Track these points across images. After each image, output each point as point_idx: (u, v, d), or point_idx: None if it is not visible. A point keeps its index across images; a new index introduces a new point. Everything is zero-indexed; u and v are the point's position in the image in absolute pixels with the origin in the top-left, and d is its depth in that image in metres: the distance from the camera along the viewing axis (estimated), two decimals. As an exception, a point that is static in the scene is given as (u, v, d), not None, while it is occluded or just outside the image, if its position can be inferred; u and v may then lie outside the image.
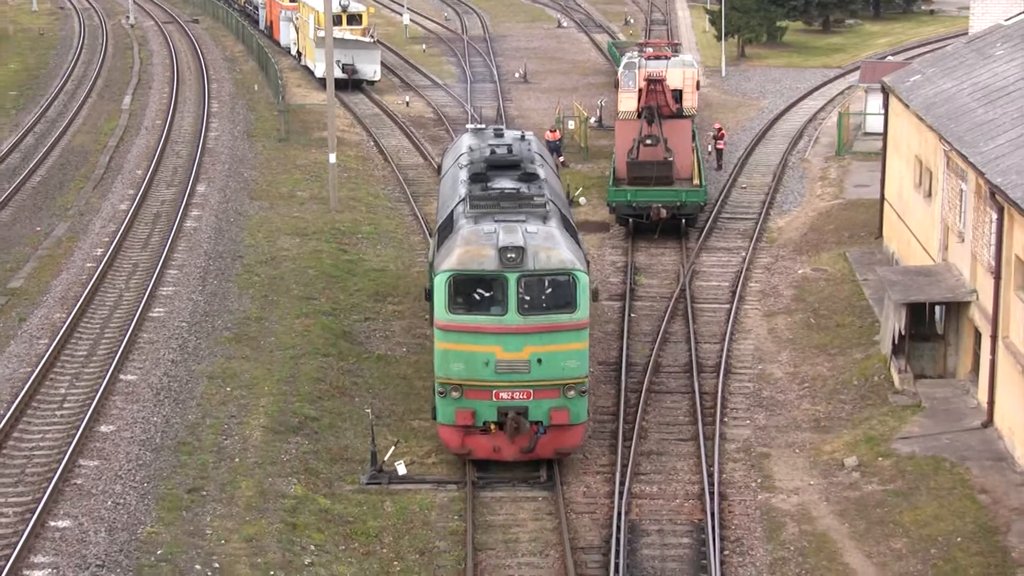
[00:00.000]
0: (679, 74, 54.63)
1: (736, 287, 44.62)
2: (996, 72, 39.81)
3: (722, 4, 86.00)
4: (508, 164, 36.48)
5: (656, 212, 49.41)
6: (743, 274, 45.85)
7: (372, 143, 65.12)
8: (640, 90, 52.68)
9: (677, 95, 53.73)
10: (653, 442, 33.93)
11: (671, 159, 50.88)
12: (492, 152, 37.68)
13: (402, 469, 31.77)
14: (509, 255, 30.29)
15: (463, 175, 35.99)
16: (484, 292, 30.67)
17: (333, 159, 54.01)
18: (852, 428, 34.18)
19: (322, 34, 65.74)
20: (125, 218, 50.21)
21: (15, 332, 39.27)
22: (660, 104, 51.66)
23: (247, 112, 71.25)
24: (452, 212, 33.74)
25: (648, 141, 51.04)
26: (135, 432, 32.76)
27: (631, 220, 49.98)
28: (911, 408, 34.49)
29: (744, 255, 47.96)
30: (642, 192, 49.95)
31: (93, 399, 34.03)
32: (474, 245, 30.84)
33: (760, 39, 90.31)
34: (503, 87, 78.54)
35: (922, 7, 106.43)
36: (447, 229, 32.96)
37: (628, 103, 53.86)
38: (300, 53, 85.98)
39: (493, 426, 31.07)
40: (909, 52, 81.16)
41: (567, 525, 29.68)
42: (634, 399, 35.99)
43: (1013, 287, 31.76)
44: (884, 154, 47.53)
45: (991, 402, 32.81)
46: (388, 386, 37.02)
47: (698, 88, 57.43)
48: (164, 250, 46.08)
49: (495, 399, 30.87)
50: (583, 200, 53.77)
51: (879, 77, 52.10)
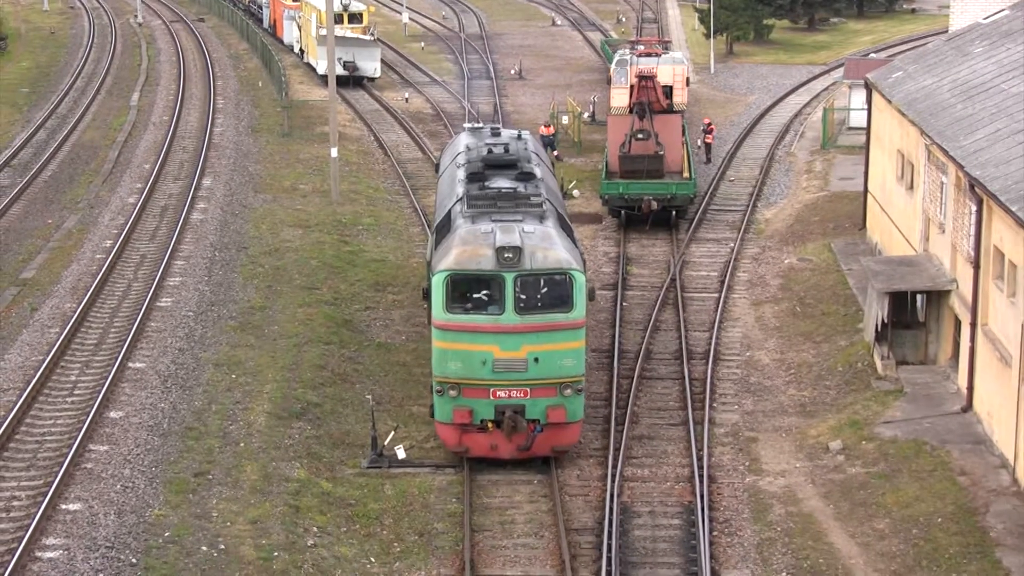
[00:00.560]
0: (669, 71, 54.77)
1: (725, 277, 44.61)
2: (975, 69, 39.79)
3: (711, 3, 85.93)
4: (505, 163, 35.88)
5: (647, 204, 49.42)
6: (731, 264, 45.84)
7: (372, 138, 65.05)
8: (632, 86, 52.76)
9: (667, 91, 53.87)
10: (644, 427, 33.93)
11: (662, 153, 50.92)
12: (489, 151, 37.12)
13: (401, 453, 31.76)
14: (506, 255, 29.79)
15: (460, 174, 35.47)
16: (481, 292, 30.17)
17: (335, 153, 53.96)
18: (836, 413, 34.19)
19: (324, 32, 65.66)
20: (133, 211, 50.15)
21: (27, 321, 39.23)
22: (651, 100, 51.72)
23: (251, 108, 71.16)
24: (450, 211, 33.22)
25: (639, 136, 51.06)
26: (143, 418, 32.74)
27: (623, 212, 49.97)
28: (893, 393, 34.50)
29: (732, 246, 47.94)
30: (634, 185, 49.95)
31: (103, 386, 34.00)
32: (471, 245, 30.35)
33: (747, 37, 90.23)
34: (499, 83, 78.48)
35: (904, 6, 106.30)
36: (445, 228, 32.49)
37: (620, 99, 53.94)
38: (303, 51, 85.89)
39: (490, 424, 30.59)
40: (891, 50, 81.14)
41: (561, 507, 29.68)
42: (626, 385, 35.98)
43: (991, 276, 31.76)
44: (867, 148, 47.50)
45: (970, 387, 32.82)
46: (388, 373, 37.01)
47: (688, 84, 57.58)
48: (171, 242, 46.03)
49: (492, 398, 30.37)
50: (577, 193, 53.74)
51: (863, 74, 52.07)
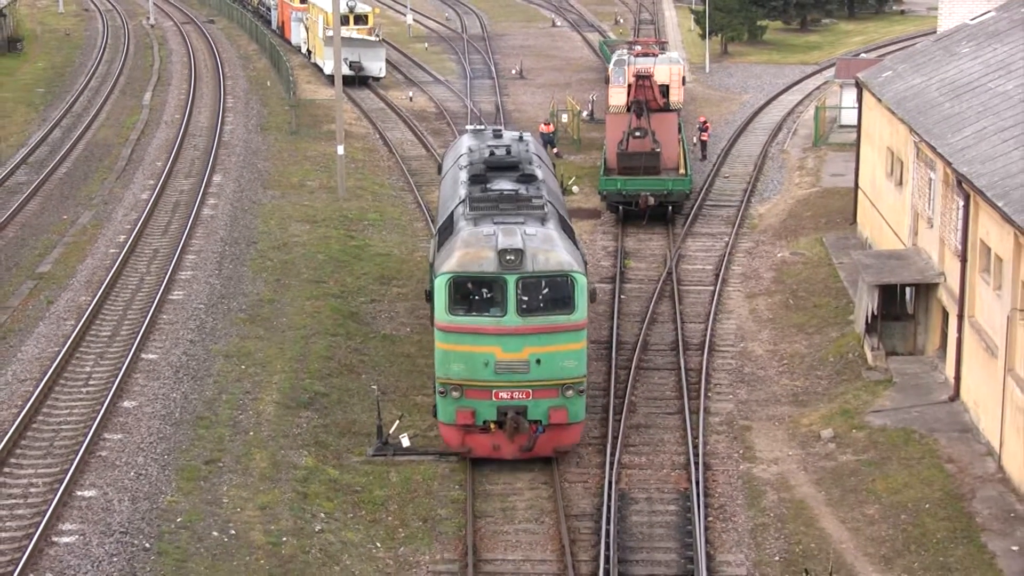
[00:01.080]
0: (666, 70, 54.68)
1: (719, 270, 44.61)
2: (962, 68, 39.77)
3: (706, 4, 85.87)
4: (507, 165, 35.32)
5: (644, 200, 49.42)
6: (726, 258, 45.83)
7: (378, 136, 65.03)
8: (629, 85, 52.68)
9: (664, 90, 53.76)
10: (642, 416, 33.94)
11: (658, 150, 50.92)
12: (491, 153, 36.51)
13: (406, 442, 31.75)
14: (508, 257, 29.30)
15: (463, 176, 34.96)
16: (484, 294, 29.71)
17: (341, 151, 53.95)
18: (828, 402, 34.20)
19: (331, 33, 65.62)
20: (146, 207, 50.15)
21: (43, 314, 39.24)
22: (648, 98, 51.68)
23: (260, 107, 71.13)
24: (452, 213, 32.74)
25: (637, 133, 51.06)
26: (156, 407, 32.75)
27: (621, 207, 49.96)
28: (883, 383, 34.51)
29: (727, 240, 47.93)
30: (631, 181, 49.95)
31: (117, 376, 34.00)
32: (473, 247, 29.83)
33: (742, 37, 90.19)
34: (501, 83, 78.44)
35: (893, 7, 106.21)
36: (447, 230, 31.98)
37: (618, 98, 53.86)
38: (310, 51, 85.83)
39: (493, 425, 30.13)
40: (881, 50, 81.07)
41: (561, 494, 29.70)
42: (624, 375, 35.99)
43: (978, 270, 31.77)
44: (858, 145, 47.50)
45: (957, 377, 32.83)
46: (393, 364, 37.01)
47: (684, 83, 57.44)
48: (183, 237, 46.03)
49: (495, 399, 29.88)
50: (576, 189, 53.74)
51: (853, 73, 52.07)
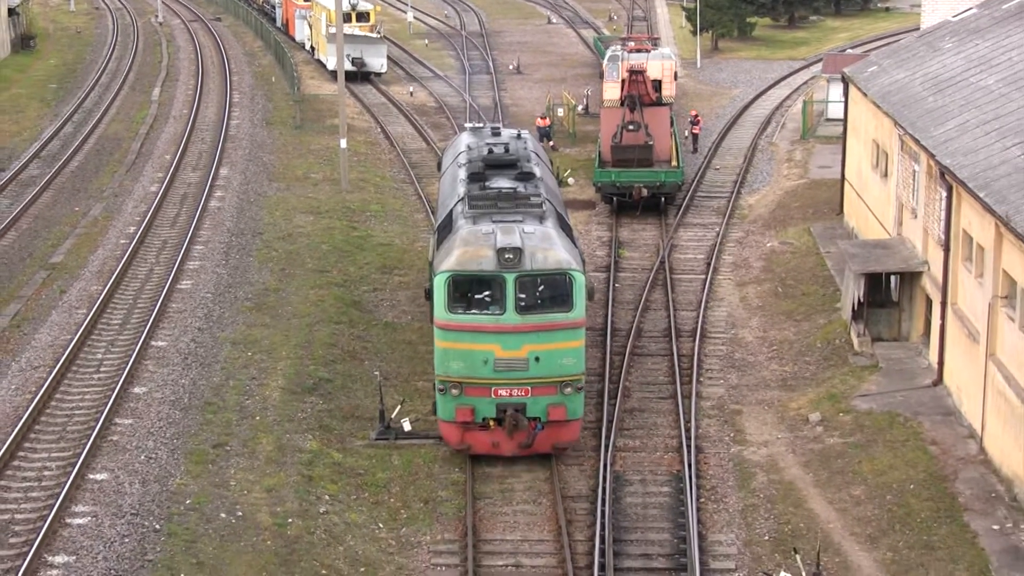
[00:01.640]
0: (658, 66, 54.59)
1: (711, 259, 44.59)
2: (945, 64, 39.74)
3: (697, 2, 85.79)
4: (505, 163, 34.56)
5: (638, 191, 49.41)
6: (717, 247, 45.81)
7: (379, 130, 64.94)
8: (623, 80, 52.65)
9: (657, 85, 53.68)
10: (636, 400, 33.95)
11: (651, 143, 50.92)
12: (490, 151, 35.82)
13: (408, 426, 31.72)
14: (507, 256, 28.67)
15: (462, 174, 34.28)
16: (483, 292, 29.14)
17: (344, 144, 53.90)
18: (816, 387, 34.21)
19: (334, 30, 65.55)
20: (155, 199, 50.11)
21: (56, 303, 39.23)
22: (641, 93, 51.67)
23: (265, 102, 71.05)
24: (451, 212, 32.10)
25: (630, 127, 51.04)
26: (165, 393, 32.75)
27: (615, 199, 49.95)
28: (869, 368, 34.53)
29: (718, 230, 47.91)
30: (625, 173, 49.93)
31: (127, 363, 34.01)
32: (472, 246, 29.21)
33: (732, 34, 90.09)
34: (498, 78, 78.34)
35: (878, 4, 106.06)
36: (446, 229, 31.33)
37: (612, 92, 53.81)
38: (314, 48, 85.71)
39: (492, 422, 29.56)
40: (867, 45, 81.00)
41: (558, 476, 29.70)
42: (618, 361, 35.98)
43: (960, 258, 31.77)
44: (844, 138, 47.46)
45: (941, 362, 32.85)
46: (395, 350, 37.00)
47: (676, 78, 57.36)
48: (191, 228, 46.00)
49: (494, 396, 29.30)
50: (571, 181, 53.70)
51: (840, 68, 52.01)
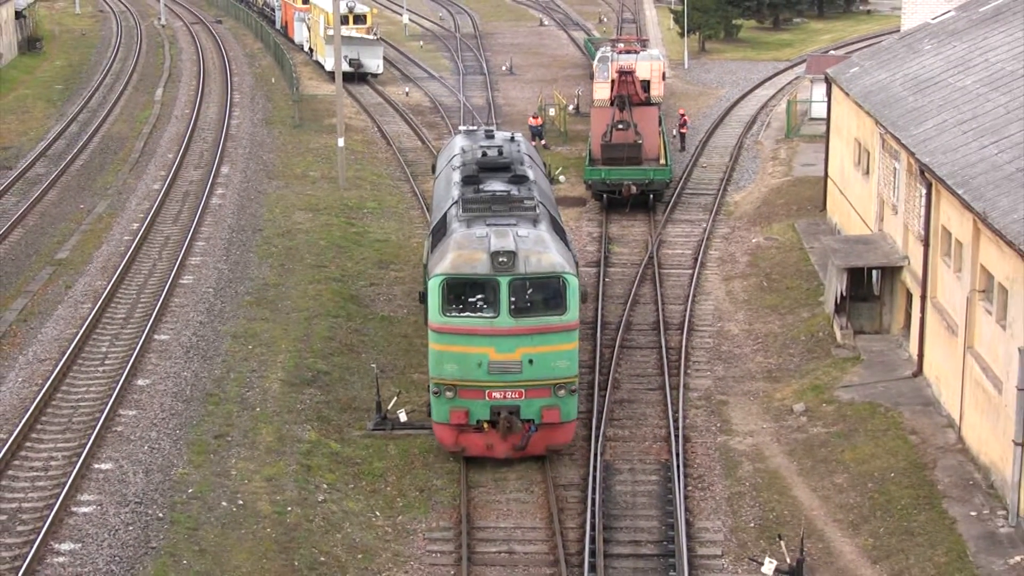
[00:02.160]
0: (647, 66, 54.64)
1: (698, 254, 44.60)
2: (924, 65, 39.76)
3: (685, 4, 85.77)
4: (499, 166, 34.10)
5: (627, 188, 49.40)
6: (704, 243, 45.82)
7: (376, 129, 64.89)
8: (613, 81, 52.66)
9: (645, 85, 53.75)
10: (625, 391, 33.95)
11: (640, 142, 50.92)
12: (483, 154, 35.25)
13: (403, 417, 31.70)
14: (501, 259, 28.14)
15: (456, 177, 33.79)
16: (477, 295, 28.52)
17: (341, 143, 53.85)
18: (800, 378, 34.23)
19: (331, 32, 65.45)
20: (158, 196, 50.04)
21: (62, 298, 39.17)
22: (630, 93, 51.68)
23: (265, 102, 70.96)
24: (445, 215, 31.55)
25: (620, 126, 51.05)
26: (168, 385, 32.72)
27: (605, 195, 49.96)
28: (851, 360, 34.55)
29: (705, 226, 47.92)
30: (615, 171, 49.93)
31: (131, 356, 33.96)
32: (467, 249, 28.66)
33: (718, 35, 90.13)
34: (491, 79, 78.28)
35: (860, 7, 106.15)
36: (440, 232, 30.84)
37: (602, 92, 53.86)
38: (312, 50, 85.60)
39: (486, 424, 29.01)
40: (849, 47, 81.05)
41: (549, 465, 29.68)
42: (608, 354, 35.99)
43: (940, 253, 31.80)
44: (827, 137, 47.48)
45: (920, 354, 32.88)
46: (391, 343, 36.99)
47: (664, 79, 57.43)
48: (192, 224, 45.95)
49: (488, 399, 28.76)
50: (563, 178, 53.66)
51: (823, 69, 51.99)
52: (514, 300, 28.40)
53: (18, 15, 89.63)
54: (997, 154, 29.63)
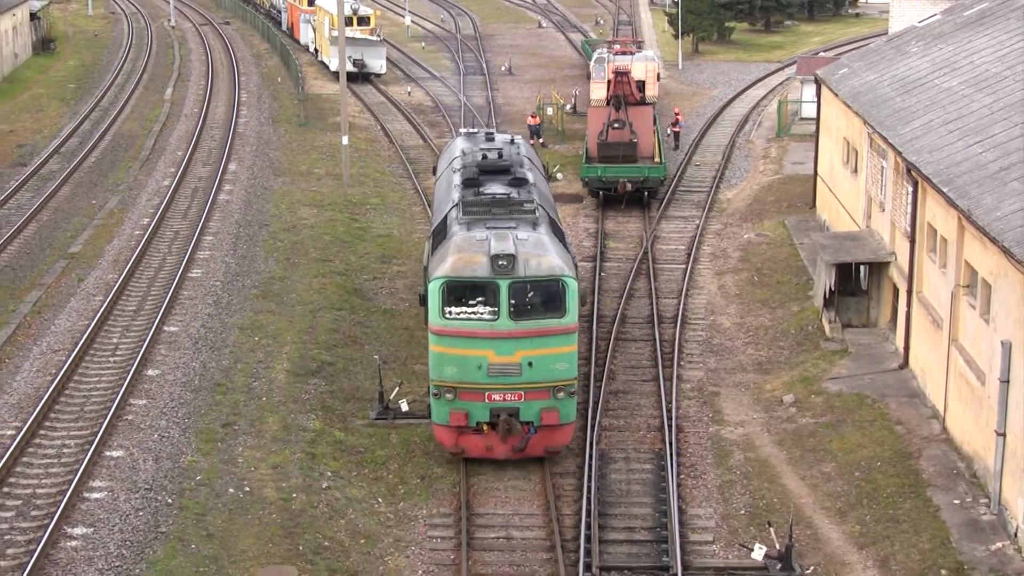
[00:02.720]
0: (642, 67, 54.55)
1: (691, 250, 44.59)
2: (911, 66, 39.74)
3: (679, 7, 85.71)
4: (499, 169, 33.43)
5: (622, 186, 49.39)
6: (697, 239, 45.81)
7: (379, 127, 64.84)
8: (609, 81, 52.60)
9: (641, 85, 53.66)
10: (620, 383, 33.95)
11: (635, 140, 50.90)
12: (484, 156, 34.55)
13: (405, 406, 31.68)
14: (500, 262, 27.52)
15: (456, 179, 33.23)
16: (477, 298, 27.91)
17: (346, 141, 53.82)
18: (789, 370, 34.24)
19: (336, 33, 65.38)
20: (168, 192, 50.03)
21: (75, 290, 39.18)
22: (626, 93, 51.63)
23: (272, 101, 70.90)
24: (446, 217, 30.93)
25: (616, 125, 51.01)
26: (177, 375, 32.72)
27: (601, 192, 49.94)
28: (839, 353, 34.55)
29: (698, 223, 47.90)
30: (610, 168, 49.91)
31: (141, 347, 33.97)
32: (467, 252, 28.05)
33: (711, 38, 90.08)
34: (491, 79, 78.22)
35: (849, 10, 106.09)
36: (441, 234, 30.27)
37: (599, 92, 53.77)
38: (317, 50, 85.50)
39: (486, 426, 28.45)
40: (838, 49, 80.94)
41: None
42: (604, 346, 35.98)
43: (925, 249, 31.80)
44: (817, 136, 47.47)
45: (906, 347, 32.89)
46: (393, 335, 36.98)
47: (658, 79, 57.30)
48: (201, 220, 45.93)
49: (488, 401, 28.19)
50: (560, 176, 53.65)
51: (813, 70, 51.99)
52: (514, 303, 27.84)
53: (33, 17, 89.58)
54: (981, 153, 29.62)
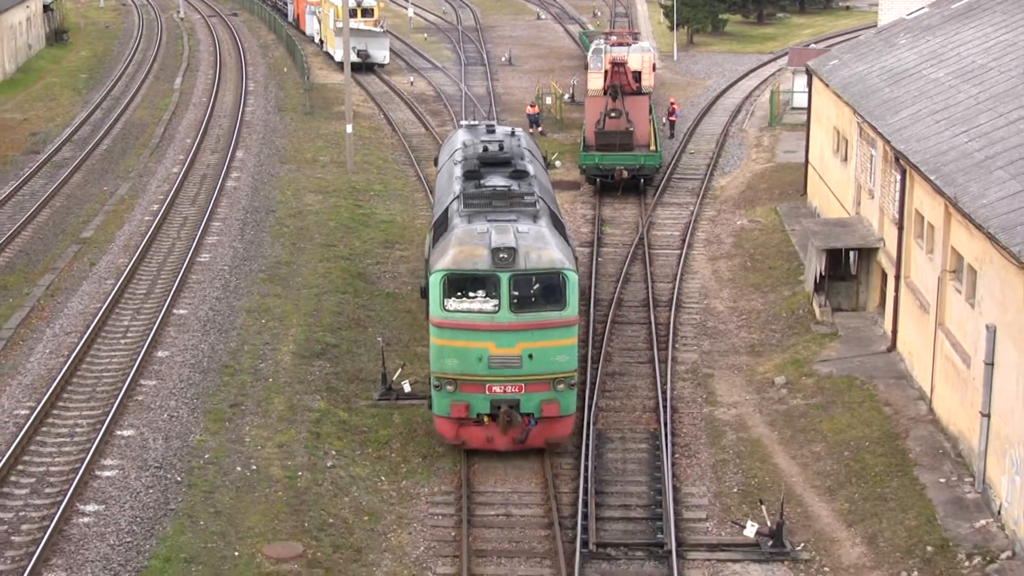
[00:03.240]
0: (638, 58, 54.58)
1: (686, 236, 44.55)
2: (899, 58, 39.66)
3: (674, 0, 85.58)
4: (500, 161, 32.74)
5: (619, 173, 49.34)
6: (691, 225, 45.77)
7: (382, 116, 64.74)
8: (606, 71, 52.62)
9: (637, 76, 53.70)
10: (616, 364, 33.94)
11: (632, 129, 50.83)
12: (485, 149, 33.99)
13: (408, 387, 31.68)
14: (501, 255, 26.99)
15: (457, 171, 32.63)
16: (477, 291, 27.41)
17: (350, 129, 53.73)
18: (781, 352, 34.23)
19: (340, 25, 65.26)
20: (177, 179, 49.97)
21: (87, 274, 39.15)
22: (623, 83, 51.59)
23: (278, 90, 70.78)
24: (447, 210, 30.39)
25: (612, 114, 50.95)
26: (186, 357, 32.71)
27: (598, 180, 49.89)
28: (829, 336, 34.54)
29: (692, 209, 47.85)
30: (607, 156, 49.84)
31: (151, 330, 33.96)
32: (468, 245, 27.52)
33: (706, 29, 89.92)
34: (491, 69, 78.08)
35: (839, 3, 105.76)
36: (442, 227, 29.66)
37: (596, 82, 53.79)
38: (322, 41, 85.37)
39: (486, 418, 27.93)
40: (829, 41, 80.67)
41: (545, 433, 29.68)
42: (601, 329, 35.96)
43: (913, 236, 31.77)
44: (808, 125, 47.40)
45: (894, 331, 32.88)
46: (396, 318, 36.97)
47: (654, 70, 57.36)
48: (209, 206, 45.88)
49: (488, 393, 27.66)
50: (559, 163, 53.59)
51: (804, 61, 51.89)
52: (514, 296, 27.34)
53: (46, 8, 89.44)
54: (967, 142, 29.57)
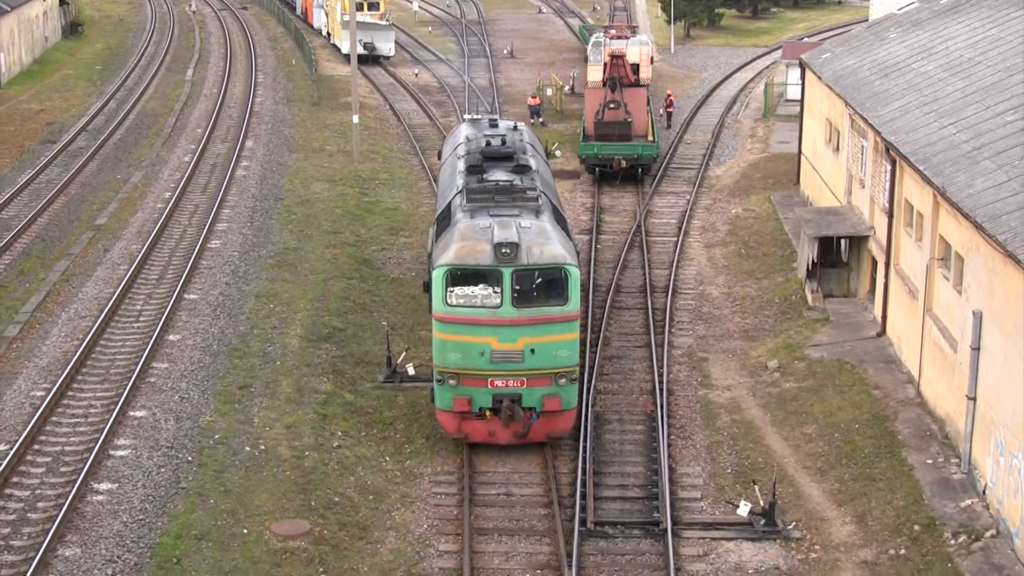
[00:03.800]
0: (637, 51, 54.45)
1: (682, 224, 44.50)
2: (890, 52, 39.57)
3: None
4: (502, 156, 32.08)
5: (617, 163, 49.29)
6: (688, 213, 45.71)
7: (388, 107, 64.64)
8: (605, 64, 52.48)
9: (635, 68, 53.60)
10: (614, 348, 33.92)
11: (630, 120, 50.72)
12: (487, 143, 33.26)
13: (411, 370, 31.66)
14: (504, 250, 26.42)
15: (460, 166, 32.00)
16: (480, 286, 26.87)
17: (356, 120, 53.63)
18: (774, 337, 34.21)
19: (347, 18, 65.13)
20: (188, 168, 49.90)
21: (101, 260, 39.13)
22: (621, 75, 51.47)
23: (286, 82, 70.66)
24: (450, 204, 29.78)
25: (611, 105, 50.84)
26: (197, 340, 32.70)
27: (597, 169, 49.84)
28: (821, 321, 34.52)
29: (688, 198, 47.80)
30: (606, 146, 49.78)
31: (163, 314, 33.93)
32: (470, 240, 26.95)
33: (702, 23, 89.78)
34: (494, 61, 77.96)
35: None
36: (445, 221, 29.10)
37: (595, 74, 53.68)
38: (329, 34, 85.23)
39: (488, 412, 27.38)
40: (822, 35, 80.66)
41: (544, 415, 29.64)
42: (599, 314, 35.95)
43: (902, 224, 31.72)
44: (801, 117, 47.31)
45: (884, 316, 32.85)
46: (400, 303, 36.94)
47: (652, 62, 57.23)
48: (219, 194, 45.83)
49: (490, 387, 27.10)
50: (559, 153, 53.47)
51: (797, 55, 51.79)
52: (517, 290, 26.76)
53: (62, 2, 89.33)
54: (955, 134, 29.50)
